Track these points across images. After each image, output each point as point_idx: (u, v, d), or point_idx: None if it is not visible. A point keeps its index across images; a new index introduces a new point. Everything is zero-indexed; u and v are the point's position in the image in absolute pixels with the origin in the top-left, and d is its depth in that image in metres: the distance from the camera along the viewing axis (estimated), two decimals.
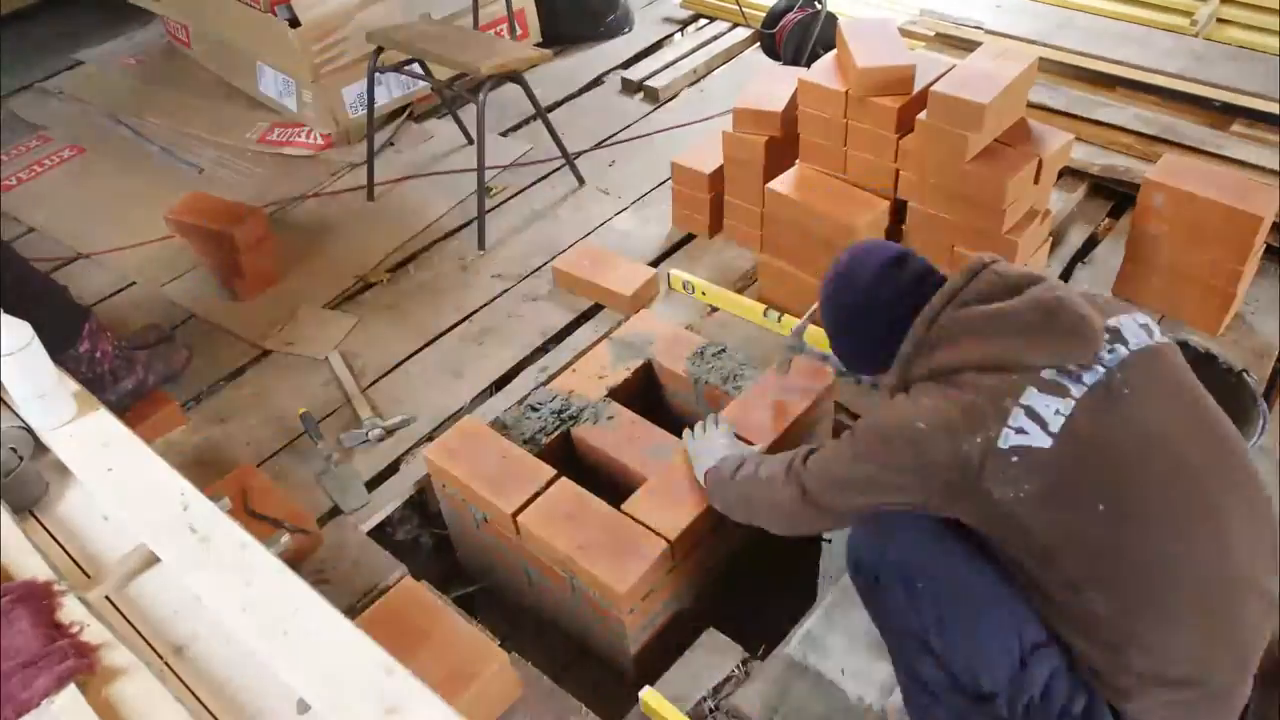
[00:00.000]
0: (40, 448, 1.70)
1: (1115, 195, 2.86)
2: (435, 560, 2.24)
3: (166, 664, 1.38)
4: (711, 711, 1.74)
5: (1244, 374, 2.02)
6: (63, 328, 2.12)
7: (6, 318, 1.62)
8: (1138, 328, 1.35)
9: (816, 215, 2.36)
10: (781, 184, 2.44)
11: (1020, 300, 1.31)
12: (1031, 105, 2.99)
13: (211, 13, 3.49)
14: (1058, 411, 1.24)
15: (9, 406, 1.74)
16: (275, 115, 3.49)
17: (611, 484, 1.99)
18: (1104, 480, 1.25)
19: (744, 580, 2.04)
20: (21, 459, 1.66)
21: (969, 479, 1.27)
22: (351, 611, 1.88)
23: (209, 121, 3.51)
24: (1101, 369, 1.28)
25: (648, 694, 1.69)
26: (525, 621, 2.05)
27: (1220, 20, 3.30)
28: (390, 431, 2.28)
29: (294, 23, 3.18)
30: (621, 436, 2.00)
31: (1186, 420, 1.31)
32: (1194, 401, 1.34)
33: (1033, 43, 3.22)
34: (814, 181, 2.44)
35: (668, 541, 1.73)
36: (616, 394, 2.12)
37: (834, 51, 2.48)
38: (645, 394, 2.22)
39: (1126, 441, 1.26)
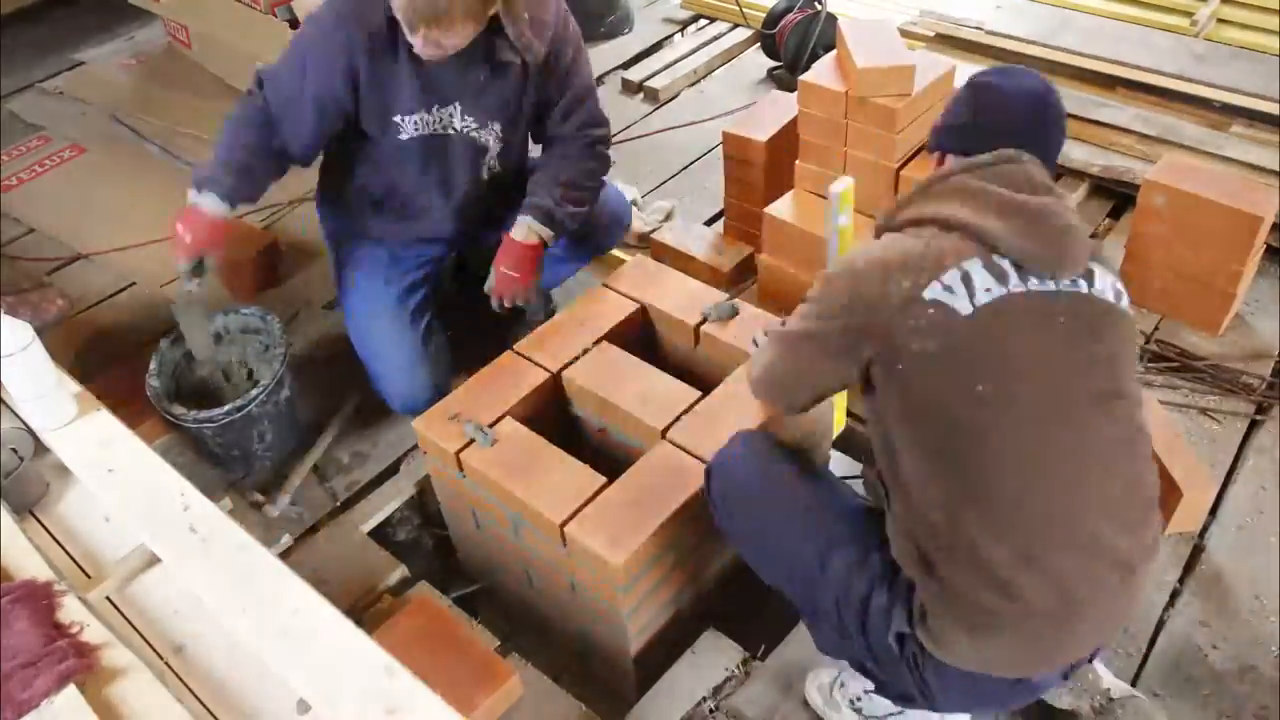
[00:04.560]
0: (41, 448, 1.70)
1: (1115, 195, 2.86)
2: (435, 560, 2.24)
3: (166, 664, 1.38)
4: (712, 711, 1.74)
5: None
6: None
7: (6, 318, 1.62)
8: (1110, 284, 1.37)
9: (814, 240, 2.37)
10: (780, 209, 2.46)
11: (1025, 196, 1.32)
12: None
13: (211, 13, 3.50)
14: (989, 290, 1.28)
15: (9, 407, 1.74)
16: None
17: (608, 454, 1.96)
18: (996, 367, 1.28)
19: (744, 580, 2.04)
20: (22, 459, 1.66)
21: (885, 316, 1.31)
22: (352, 612, 1.88)
23: (209, 122, 3.50)
24: (1052, 285, 1.30)
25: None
26: (525, 621, 2.05)
27: (1220, 20, 3.30)
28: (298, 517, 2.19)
29: (294, 24, 3.19)
30: (614, 376, 1.93)
31: (1096, 370, 1.32)
32: (1114, 362, 1.35)
33: (1033, 43, 3.22)
34: (813, 206, 2.45)
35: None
36: (611, 339, 2.03)
37: (834, 52, 2.49)
38: (641, 341, 2.14)
39: (1030, 349, 1.29)
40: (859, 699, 1.64)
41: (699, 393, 1.88)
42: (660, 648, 1.85)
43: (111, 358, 2.55)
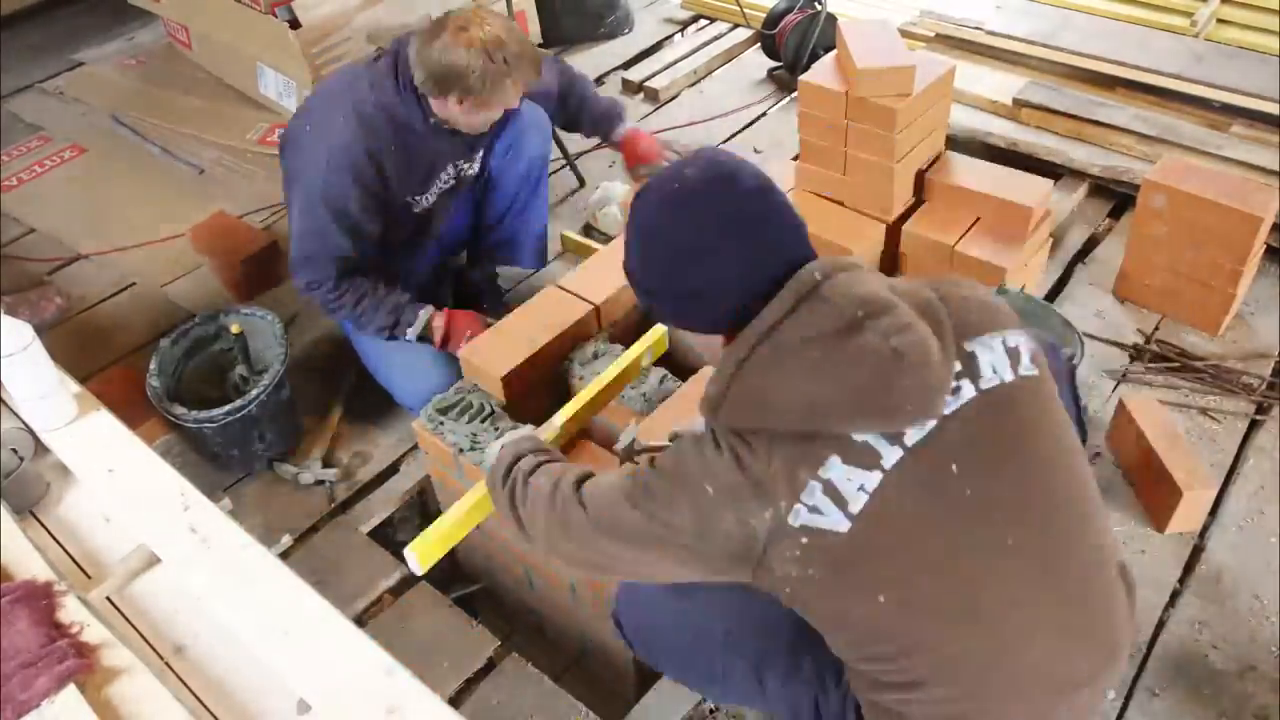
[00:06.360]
0: (41, 448, 1.70)
1: (1115, 195, 2.86)
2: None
3: (166, 664, 1.38)
4: (711, 712, 1.74)
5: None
6: None
7: (6, 318, 1.62)
8: (1002, 355, 1.14)
9: (816, 242, 2.36)
10: None
11: (851, 350, 1.06)
12: (1032, 106, 3.00)
13: (211, 14, 3.49)
14: (861, 488, 1.06)
15: (9, 407, 1.74)
16: (275, 116, 3.49)
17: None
18: (892, 573, 1.10)
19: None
20: (22, 460, 1.66)
21: (753, 553, 1.11)
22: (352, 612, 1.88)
23: (209, 122, 3.51)
24: (931, 422, 1.08)
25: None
26: (525, 621, 2.05)
27: (1220, 20, 3.30)
28: (319, 481, 2.22)
29: (294, 24, 3.18)
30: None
31: (1013, 490, 1.12)
32: (1028, 460, 1.14)
33: (1033, 43, 3.22)
34: (813, 206, 2.45)
35: None
36: (615, 336, 2.02)
37: (834, 52, 2.49)
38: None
39: (929, 519, 1.09)
40: None
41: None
42: None
43: (111, 358, 2.56)
